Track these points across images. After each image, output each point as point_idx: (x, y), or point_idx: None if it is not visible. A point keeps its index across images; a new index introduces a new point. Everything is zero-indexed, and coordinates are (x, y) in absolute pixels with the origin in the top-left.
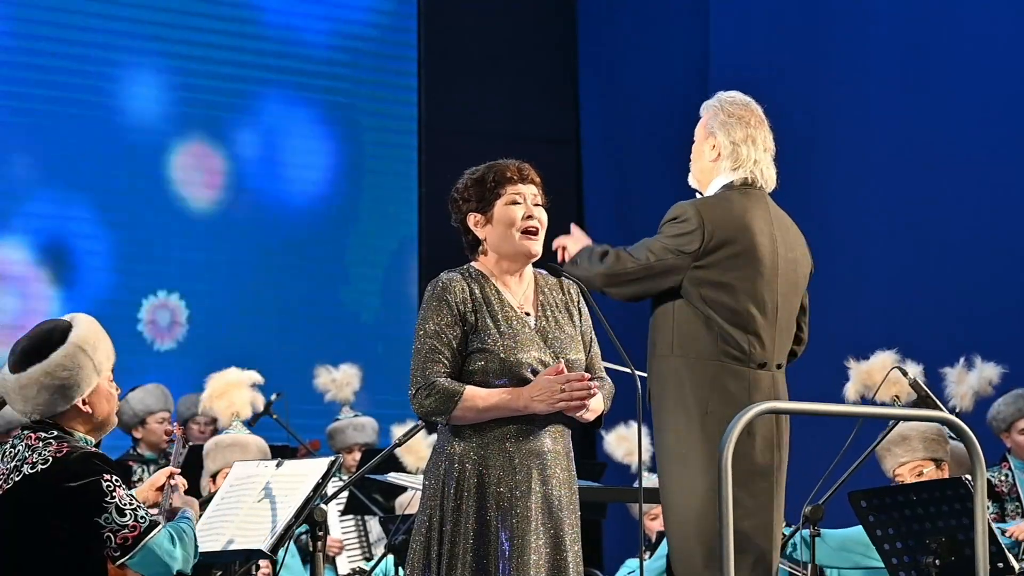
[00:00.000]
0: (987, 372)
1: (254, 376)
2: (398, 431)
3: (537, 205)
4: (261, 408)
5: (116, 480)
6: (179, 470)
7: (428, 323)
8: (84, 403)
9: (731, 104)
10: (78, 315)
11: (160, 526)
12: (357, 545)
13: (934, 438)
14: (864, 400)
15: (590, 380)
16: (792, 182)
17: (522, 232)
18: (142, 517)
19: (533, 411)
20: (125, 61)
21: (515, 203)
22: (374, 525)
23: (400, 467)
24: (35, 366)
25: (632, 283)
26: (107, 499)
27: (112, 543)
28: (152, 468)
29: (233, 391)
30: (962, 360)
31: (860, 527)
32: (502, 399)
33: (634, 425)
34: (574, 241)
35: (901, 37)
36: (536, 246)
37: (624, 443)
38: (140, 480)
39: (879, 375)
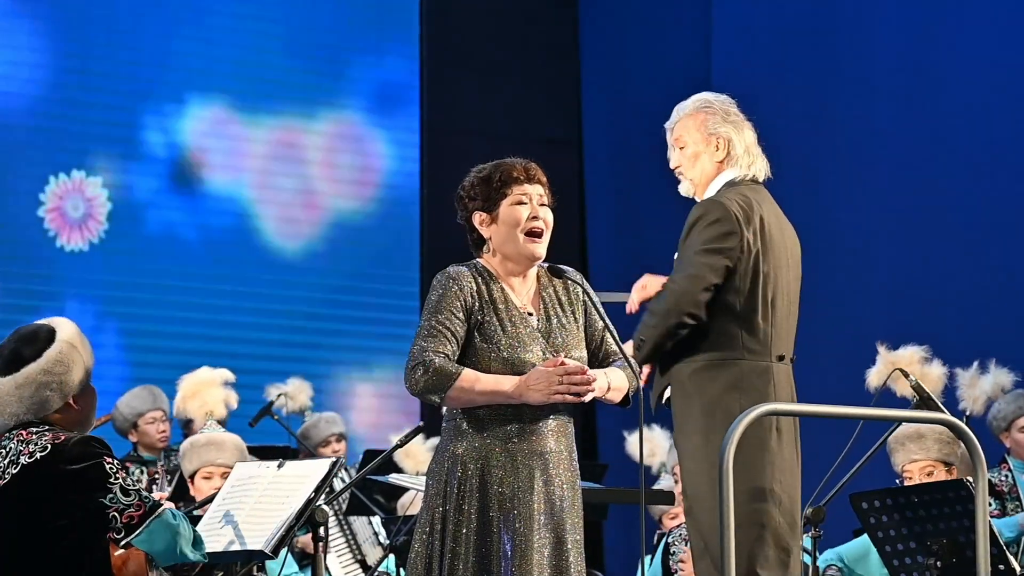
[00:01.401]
0: (1001, 378)
1: (226, 374)
2: (395, 437)
3: (543, 205)
4: (235, 406)
5: (117, 463)
6: (167, 494)
7: (434, 306)
8: (74, 401)
9: (722, 103)
10: (54, 318)
11: (164, 506)
12: (346, 549)
13: (948, 440)
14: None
15: (590, 371)
16: (793, 183)
17: (526, 234)
18: (146, 497)
19: (528, 401)
20: None
21: (521, 203)
22: (360, 526)
23: (399, 471)
24: (31, 365)
25: (703, 293)
26: (111, 480)
27: (117, 523)
28: (151, 470)
29: (205, 390)
30: (976, 364)
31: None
32: (499, 385)
33: (656, 428)
34: (652, 286)
35: (903, 36)
36: (540, 249)
37: (647, 444)
38: (139, 482)
39: (904, 367)
